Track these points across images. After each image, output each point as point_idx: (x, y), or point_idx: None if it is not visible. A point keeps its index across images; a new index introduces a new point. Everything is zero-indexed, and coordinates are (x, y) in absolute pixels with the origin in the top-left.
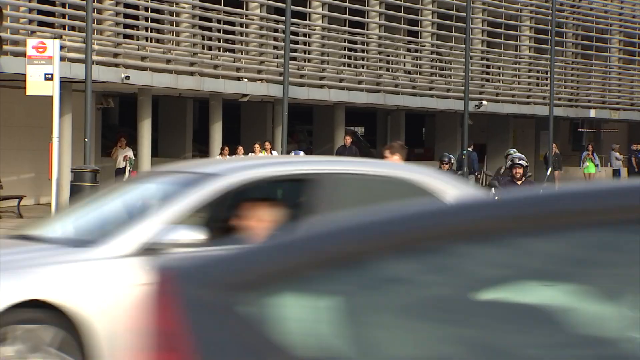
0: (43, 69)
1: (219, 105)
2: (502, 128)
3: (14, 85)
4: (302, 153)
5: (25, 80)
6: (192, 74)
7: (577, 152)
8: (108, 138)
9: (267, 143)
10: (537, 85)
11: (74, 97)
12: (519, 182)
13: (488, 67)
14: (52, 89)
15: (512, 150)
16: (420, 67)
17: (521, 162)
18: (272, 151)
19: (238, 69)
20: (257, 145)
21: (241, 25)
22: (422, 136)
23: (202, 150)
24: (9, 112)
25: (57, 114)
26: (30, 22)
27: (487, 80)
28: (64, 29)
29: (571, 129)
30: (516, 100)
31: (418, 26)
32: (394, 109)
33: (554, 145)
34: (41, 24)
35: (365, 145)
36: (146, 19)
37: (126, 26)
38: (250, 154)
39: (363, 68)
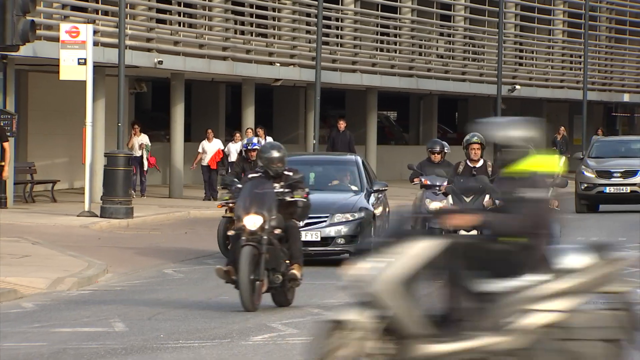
0: (76, 53)
1: (251, 89)
2: (535, 112)
3: (48, 70)
4: (255, 139)
5: (58, 65)
6: (224, 58)
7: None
8: (141, 123)
9: (259, 129)
10: (571, 69)
11: (107, 81)
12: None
13: (521, 51)
14: (85, 74)
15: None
16: (453, 52)
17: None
18: (267, 137)
19: (270, 54)
20: (249, 130)
21: (274, 9)
22: (454, 120)
23: (234, 134)
24: (43, 97)
25: (90, 99)
26: (64, 6)
27: (521, 64)
28: (97, 13)
29: (605, 114)
30: (549, 85)
31: (451, 10)
32: (426, 94)
33: (562, 128)
34: (74, 8)
35: (398, 130)
36: (179, 4)
37: (159, 11)
38: (245, 139)
39: (396, 52)
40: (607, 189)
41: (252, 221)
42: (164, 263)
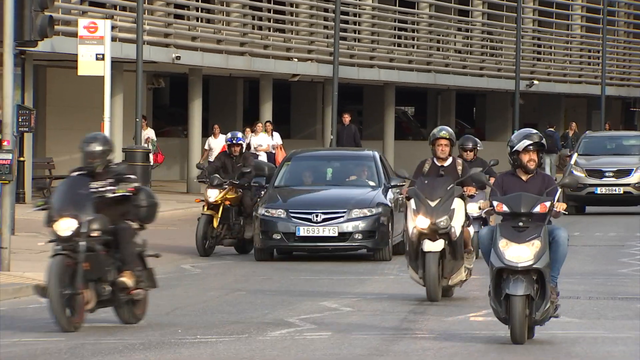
0: (94, 49)
1: (269, 85)
2: (553, 107)
3: (66, 65)
4: (239, 134)
5: (76, 61)
6: (242, 54)
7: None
8: (159, 118)
9: (267, 124)
10: (589, 64)
11: (125, 77)
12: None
13: (539, 46)
14: (103, 69)
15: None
16: (471, 47)
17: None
18: (274, 132)
19: (288, 49)
20: (259, 125)
21: (291, 5)
22: (472, 116)
23: (252, 130)
24: (61, 92)
25: (108, 94)
26: (82, 2)
27: (539, 59)
28: (115, 8)
29: (623, 109)
30: (568, 80)
31: (469, 5)
32: (444, 89)
33: (574, 123)
34: (92, 3)
35: (415, 125)
36: None
37: (177, 6)
38: (250, 135)
39: (413, 47)
40: (598, 190)
41: (65, 226)
42: (182, 258)
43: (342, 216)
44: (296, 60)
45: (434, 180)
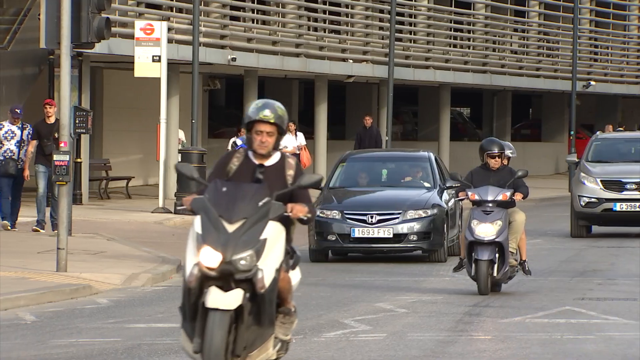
0: (151, 50)
1: (324, 86)
2: (610, 109)
3: (122, 67)
4: (239, 141)
5: (133, 62)
6: (297, 55)
7: None
8: (215, 119)
9: (291, 124)
10: None
11: (181, 78)
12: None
13: (596, 47)
14: (160, 71)
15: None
16: (527, 47)
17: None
18: (297, 132)
19: (343, 50)
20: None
21: (346, 6)
22: (528, 117)
23: (307, 131)
24: (117, 94)
25: (164, 96)
26: (138, 4)
27: (595, 60)
28: (172, 10)
29: None
30: (625, 81)
31: (525, 6)
32: (500, 90)
33: (610, 126)
34: (149, 5)
35: (471, 127)
36: (252, 1)
37: (232, 8)
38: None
39: (469, 48)
40: (618, 206)
41: None
42: None
43: (397, 217)
44: (351, 61)
45: (240, 187)
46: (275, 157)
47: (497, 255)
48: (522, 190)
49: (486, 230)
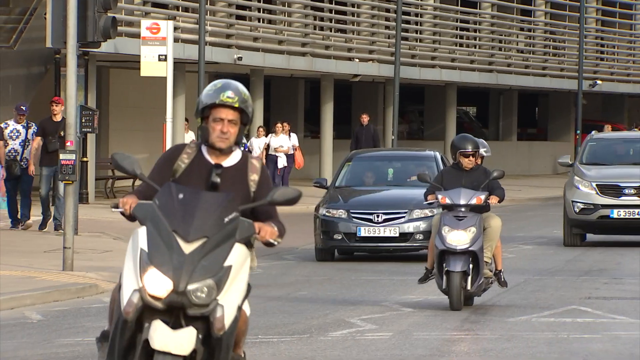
0: (156, 50)
1: (330, 85)
2: (616, 108)
3: (128, 66)
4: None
5: (139, 61)
6: (303, 54)
7: None
8: None
9: (285, 124)
10: None
11: (187, 77)
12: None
13: (602, 45)
14: (166, 70)
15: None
16: (533, 46)
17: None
18: (291, 133)
19: (349, 49)
20: (279, 125)
21: (353, 5)
22: (535, 116)
23: (313, 130)
24: (123, 93)
25: (170, 95)
26: (145, 3)
27: (602, 59)
28: (178, 10)
29: None
30: (631, 80)
31: (531, 5)
32: (506, 89)
33: (609, 125)
34: (155, 5)
35: (477, 126)
36: (258, 0)
37: (239, 7)
38: (270, 135)
39: (475, 48)
40: (615, 213)
41: None
42: None
43: (403, 216)
44: (357, 60)
45: (201, 195)
46: (235, 156)
47: (470, 266)
48: (497, 192)
49: (459, 238)
